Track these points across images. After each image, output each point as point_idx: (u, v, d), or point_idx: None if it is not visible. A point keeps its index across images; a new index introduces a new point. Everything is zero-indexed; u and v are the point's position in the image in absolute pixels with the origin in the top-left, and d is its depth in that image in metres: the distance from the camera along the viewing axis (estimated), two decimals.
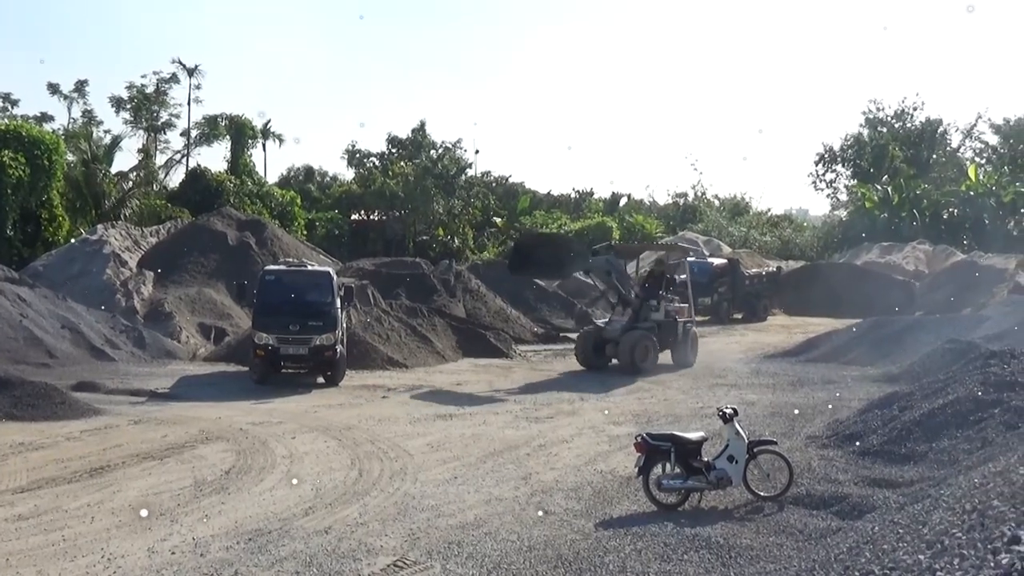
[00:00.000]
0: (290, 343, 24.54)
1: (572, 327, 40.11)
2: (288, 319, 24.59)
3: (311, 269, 27.59)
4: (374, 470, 15.41)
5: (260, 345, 24.72)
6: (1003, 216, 61.32)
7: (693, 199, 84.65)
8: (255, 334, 25.14)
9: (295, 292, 25.37)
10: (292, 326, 24.51)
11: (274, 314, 24.77)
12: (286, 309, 24.73)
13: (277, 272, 26.34)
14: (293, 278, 26.00)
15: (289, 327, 24.52)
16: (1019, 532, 5.88)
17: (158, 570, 10.60)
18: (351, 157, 74.62)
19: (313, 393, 23.62)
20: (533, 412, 21.11)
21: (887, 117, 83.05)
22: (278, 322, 24.63)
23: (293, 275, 26.21)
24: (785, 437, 17.15)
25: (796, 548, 11.30)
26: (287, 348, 24.57)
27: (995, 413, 15.33)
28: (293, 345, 24.53)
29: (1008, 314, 31.78)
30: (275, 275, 25.99)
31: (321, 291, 25.44)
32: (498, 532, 12.02)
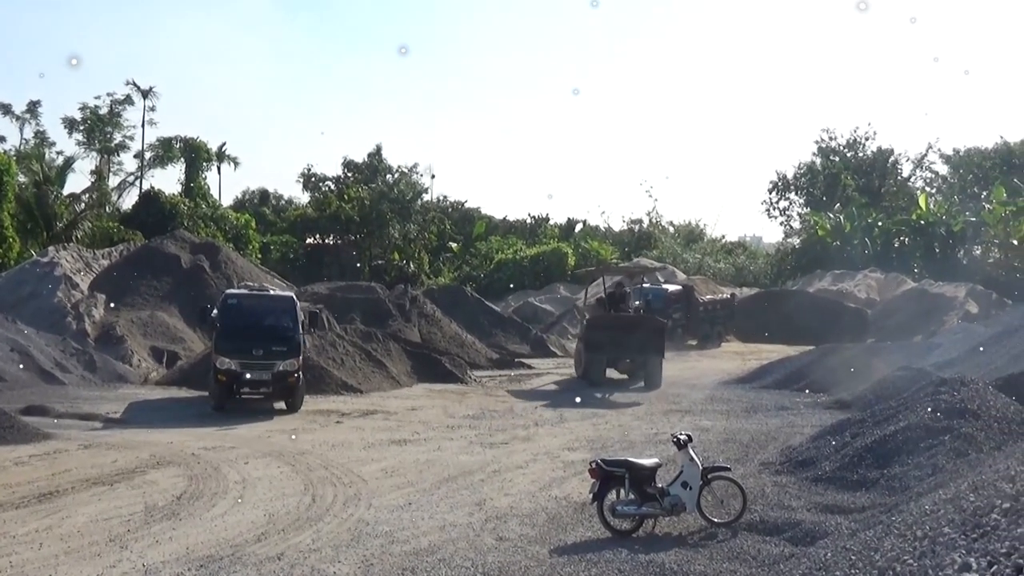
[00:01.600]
0: (253, 368, 23.87)
1: (527, 352, 40.17)
2: (252, 344, 24.04)
3: (274, 294, 27.06)
4: (327, 496, 15.30)
5: (222, 370, 23.94)
6: (953, 245, 62.08)
7: (648, 225, 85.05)
8: (216, 358, 24.23)
9: (258, 317, 24.99)
10: (256, 351, 23.92)
11: (237, 338, 24.18)
12: (249, 334, 24.23)
13: (240, 296, 25.75)
14: (256, 302, 25.57)
15: (252, 352, 23.93)
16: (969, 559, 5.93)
17: None
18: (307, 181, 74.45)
19: (273, 419, 23.25)
20: (488, 438, 21.06)
21: (839, 146, 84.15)
22: (241, 347, 24.02)
23: (256, 299, 25.75)
24: (739, 463, 17.21)
25: (749, 574, 11.33)
26: (250, 373, 23.90)
27: (945, 440, 15.48)
28: (256, 370, 23.87)
29: (958, 341, 32.18)
30: (237, 299, 25.43)
31: (285, 316, 24.94)
32: (452, 558, 11.95)
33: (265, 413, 23.88)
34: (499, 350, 39.10)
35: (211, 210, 62.89)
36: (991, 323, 35.78)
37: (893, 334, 40.72)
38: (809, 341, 38.83)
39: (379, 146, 75.53)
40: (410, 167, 72.77)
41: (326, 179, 74.18)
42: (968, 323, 38.33)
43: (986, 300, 46.16)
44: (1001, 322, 34.47)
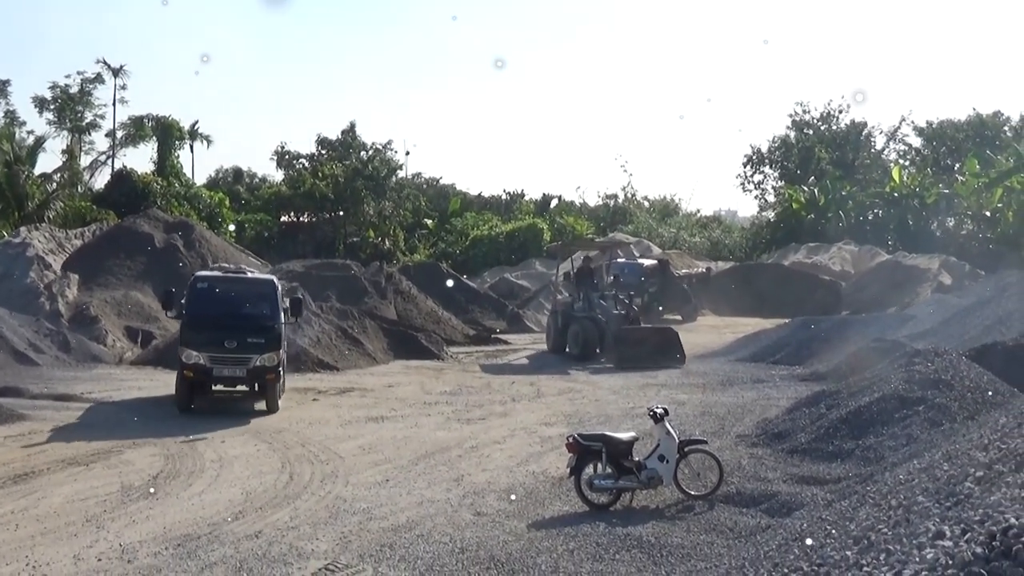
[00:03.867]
0: (225, 363, 20.80)
1: (504, 328, 40.18)
2: (224, 334, 20.83)
3: (252, 276, 23.52)
4: (305, 473, 15.29)
5: (188, 364, 20.76)
6: (926, 217, 62.30)
7: (623, 200, 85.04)
8: (182, 351, 20.97)
9: (233, 303, 21.96)
10: (228, 343, 20.73)
11: (207, 328, 21.00)
12: (222, 323, 21.17)
13: (211, 279, 22.66)
14: (230, 286, 22.42)
15: (224, 344, 20.75)
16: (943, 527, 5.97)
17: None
18: (280, 158, 74.04)
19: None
20: (465, 413, 21.08)
21: (813, 120, 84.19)
22: (211, 338, 20.82)
23: (230, 283, 22.57)
24: (715, 436, 17.29)
25: (726, 546, 11.40)
26: (221, 369, 20.83)
27: (920, 410, 15.62)
28: (228, 365, 20.81)
29: (932, 313, 32.36)
30: (209, 282, 22.35)
31: (264, 302, 21.88)
32: (430, 534, 11.97)
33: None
34: (475, 326, 39.09)
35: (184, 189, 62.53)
36: (964, 294, 35.98)
37: (867, 306, 40.90)
38: (784, 314, 38.94)
39: (353, 123, 75.28)
40: (384, 144, 72.58)
41: (300, 157, 73.81)
42: (941, 294, 38.51)
43: (959, 271, 46.40)
44: (974, 293, 34.68)
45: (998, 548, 4.95)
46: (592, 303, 30.76)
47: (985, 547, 5.03)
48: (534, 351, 33.22)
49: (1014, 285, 31.11)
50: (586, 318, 30.49)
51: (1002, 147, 63.80)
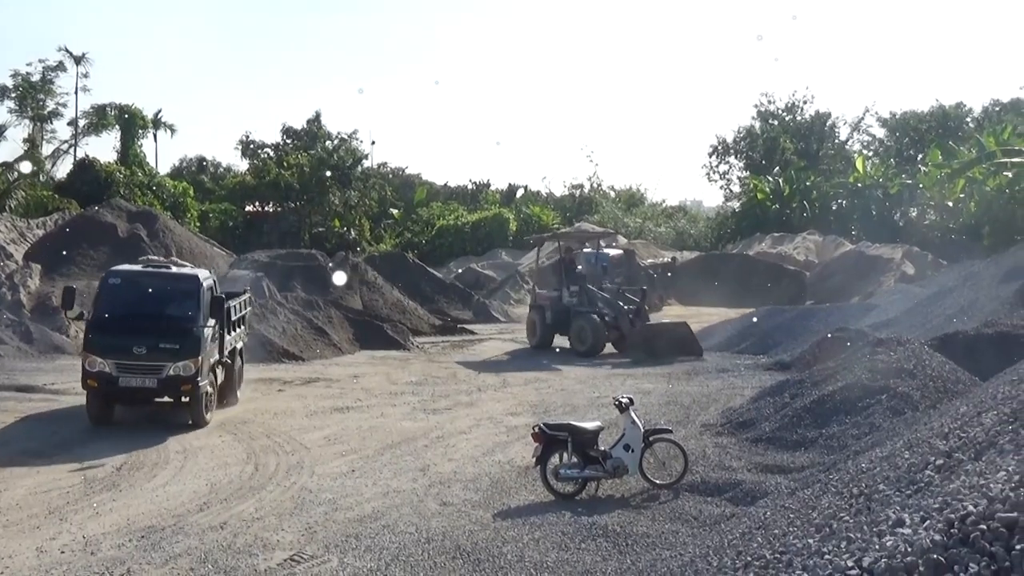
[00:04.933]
0: (133, 372, 17.95)
1: (470, 318, 40.18)
2: (132, 339, 18.03)
3: (173, 272, 20.27)
4: (270, 464, 15.25)
5: (92, 373, 17.99)
6: (890, 207, 62.78)
7: (589, 190, 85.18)
8: (86, 357, 18.29)
9: (147, 303, 18.80)
10: (137, 348, 17.86)
11: (114, 331, 18.23)
12: (131, 325, 18.30)
13: (126, 275, 19.71)
14: (146, 283, 19.26)
15: (133, 350, 17.90)
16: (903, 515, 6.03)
17: (47, 570, 10.34)
18: (245, 148, 73.63)
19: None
20: (431, 404, 21.07)
21: (778, 110, 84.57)
22: (118, 342, 18.04)
23: (146, 279, 19.44)
24: (680, 425, 17.35)
25: (691, 534, 11.46)
26: (128, 379, 17.92)
27: (882, 399, 15.78)
28: (137, 374, 17.90)
29: (894, 302, 32.67)
30: (121, 278, 19.40)
31: (183, 301, 18.78)
32: (396, 524, 11.97)
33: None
34: (441, 316, 39.08)
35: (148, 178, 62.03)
36: (927, 284, 36.34)
37: (831, 296, 41.20)
38: (749, 304, 39.14)
39: (318, 112, 75.10)
40: (350, 133, 72.34)
41: (265, 146, 73.45)
42: (904, 284, 38.89)
43: (922, 261, 46.77)
44: (936, 283, 35.02)
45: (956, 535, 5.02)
46: (592, 297, 30.00)
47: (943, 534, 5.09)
48: (515, 347, 32.39)
49: (976, 275, 31.42)
50: (591, 313, 29.57)
51: (964, 138, 64.36)
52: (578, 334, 29.54)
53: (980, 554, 4.78)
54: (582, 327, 29.43)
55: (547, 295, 31.41)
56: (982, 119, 75.76)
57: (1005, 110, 71.97)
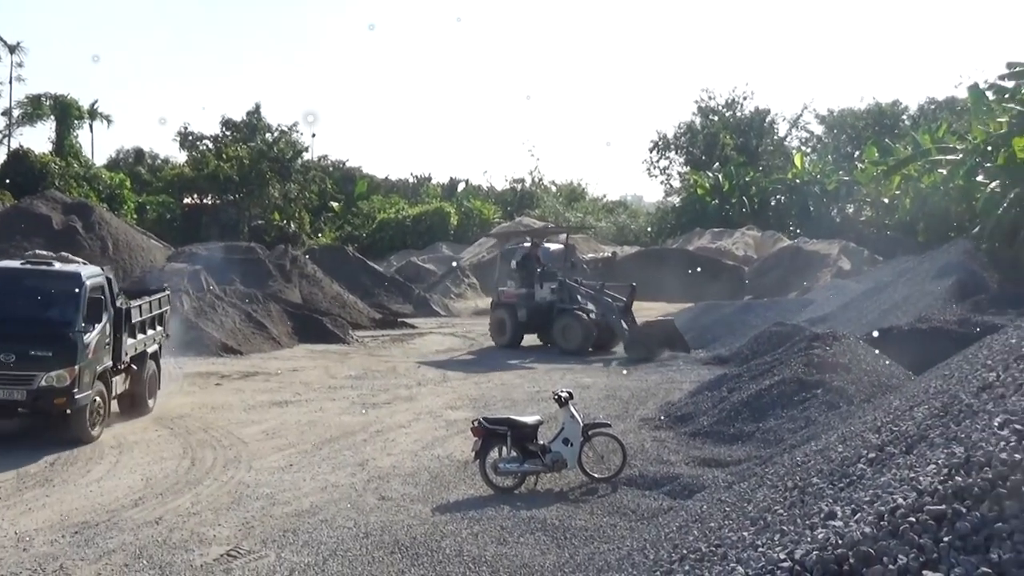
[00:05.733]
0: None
1: (410, 312, 40.09)
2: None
3: (51, 269, 17.24)
4: (207, 459, 15.11)
5: None
6: (827, 203, 63.53)
7: (530, 185, 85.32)
8: None
9: (18, 303, 16.42)
10: (4, 356, 15.51)
11: None
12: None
13: None
14: (20, 282, 16.88)
15: None
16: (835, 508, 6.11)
17: None
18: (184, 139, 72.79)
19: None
20: (370, 398, 21.01)
21: (718, 106, 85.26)
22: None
23: (21, 277, 16.98)
24: (619, 420, 17.46)
25: (629, 528, 11.52)
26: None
27: (818, 393, 16.00)
28: (4, 386, 15.60)
29: (831, 298, 33.09)
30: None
31: (60, 303, 16.40)
32: (334, 519, 11.92)
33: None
34: (381, 310, 38.97)
35: (84, 169, 61.21)
36: (863, 279, 36.83)
37: (769, 290, 41.60)
38: (688, 298, 39.43)
39: (258, 104, 74.66)
40: (290, 126, 71.74)
41: (204, 138, 72.69)
42: (841, 280, 39.40)
43: (858, 257, 47.36)
44: (872, 278, 35.54)
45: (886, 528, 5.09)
46: (573, 294, 29.18)
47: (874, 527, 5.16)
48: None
49: (910, 271, 31.92)
50: (576, 310, 28.95)
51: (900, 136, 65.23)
52: (563, 332, 28.90)
53: (909, 546, 4.85)
54: (568, 325, 28.83)
55: (514, 292, 30.57)
56: (918, 117, 76.95)
57: (940, 108, 73.08)
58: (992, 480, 5.03)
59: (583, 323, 28.54)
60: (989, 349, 11.76)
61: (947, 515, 4.95)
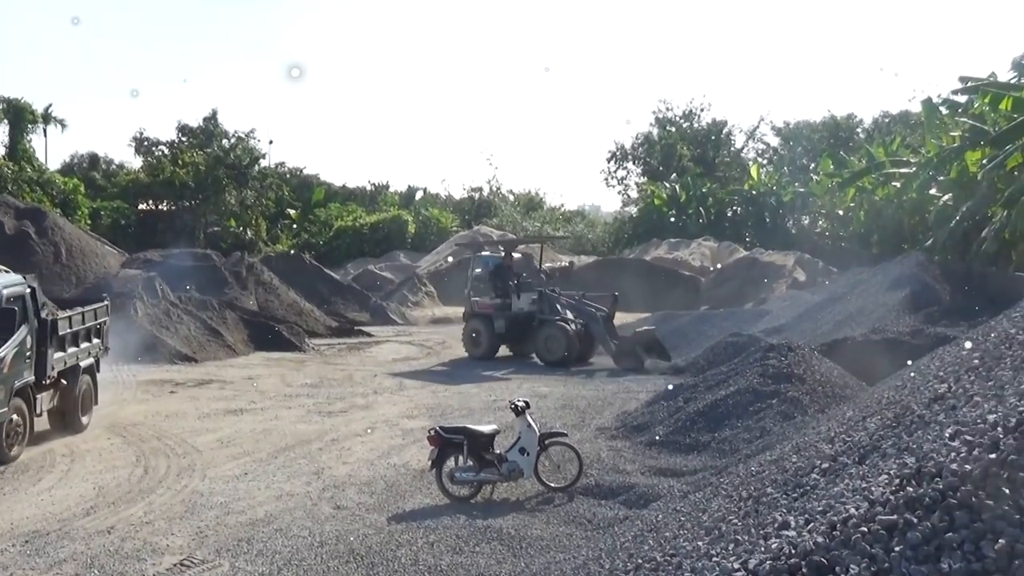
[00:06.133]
0: None
1: (367, 320, 39.95)
2: None
3: None
4: (160, 467, 15.00)
5: None
6: (783, 214, 63.96)
7: (488, 194, 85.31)
8: None
9: None
10: None
11: None
12: None
13: None
14: None
15: None
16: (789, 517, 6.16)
17: None
18: (139, 145, 72.08)
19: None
20: (326, 406, 20.91)
21: (676, 117, 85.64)
22: None
23: None
24: (576, 429, 17.47)
25: (585, 537, 11.54)
26: None
27: (773, 404, 16.12)
28: None
29: (786, 308, 33.32)
30: None
31: None
32: (289, 528, 11.86)
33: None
34: (338, 318, 38.81)
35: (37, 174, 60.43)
36: (817, 291, 37.07)
37: (725, 301, 41.76)
38: (645, 308, 39.51)
39: (215, 110, 74.05)
40: (247, 132, 71.26)
41: (159, 143, 72.04)
42: (796, 291, 39.66)
43: (813, 268, 47.68)
44: (827, 290, 35.79)
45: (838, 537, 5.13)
46: (553, 305, 28.63)
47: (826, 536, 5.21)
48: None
49: (864, 282, 32.18)
50: (559, 321, 28.26)
51: (855, 148, 65.95)
52: (546, 343, 28.12)
53: (861, 555, 4.89)
54: (551, 336, 28.08)
55: (490, 303, 29.80)
56: (872, 130, 77.65)
57: (894, 122, 73.81)
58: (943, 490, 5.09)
59: (566, 334, 27.87)
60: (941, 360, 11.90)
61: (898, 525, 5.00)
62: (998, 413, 5.81)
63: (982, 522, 4.82)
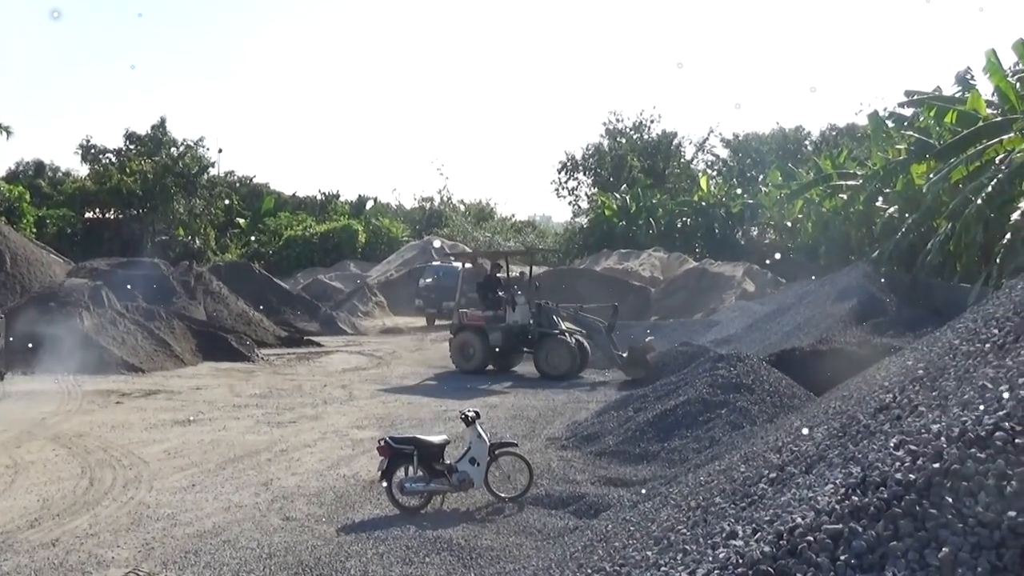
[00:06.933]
0: None
1: (317, 330, 39.79)
2: None
3: None
4: (106, 479, 14.83)
5: None
6: (732, 225, 64.39)
7: (439, 204, 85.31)
8: None
9: None
10: None
11: None
12: None
13: None
14: None
15: None
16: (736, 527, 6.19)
17: None
18: (86, 152, 71.36)
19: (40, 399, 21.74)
20: (275, 417, 20.78)
21: (626, 128, 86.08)
22: None
23: None
24: (526, 439, 17.50)
25: (535, 548, 11.55)
26: None
27: (722, 413, 16.24)
28: None
29: (735, 319, 33.57)
30: None
31: None
32: (237, 540, 11.77)
33: None
34: (287, 328, 38.61)
35: None
36: (766, 301, 37.37)
37: (675, 311, 42.00)
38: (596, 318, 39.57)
39: (163, 118, 73.23)
40: (196, 140, 70.78)
41: (107, 151, 71.37)
42: (745, 301, 39.89)
43: (762, 279, 48.01)
44: (775, 300, 36.10)
45: (785, 547, 5.17)
46: (549, 317, 28.06)
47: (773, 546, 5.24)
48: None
49: (812, 293, 32.50)
50: (560, 334, 27.77)
51: (803, 160, 66.62)
52: (547, 357, 27.53)
53: (807, 565, 4.93)
54: (553, 349, 27.56)
55: (481, 315, 28.97)
56: (820, 143, 78.52)
57: (841, 134, 74.64)
58: (887, 499, 5.14)
59: (568, 348, 27.45)
60: (887, 371, 12.04)
61: (844, 534, 5.05)
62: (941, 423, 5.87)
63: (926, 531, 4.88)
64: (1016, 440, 5.21)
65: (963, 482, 5.05)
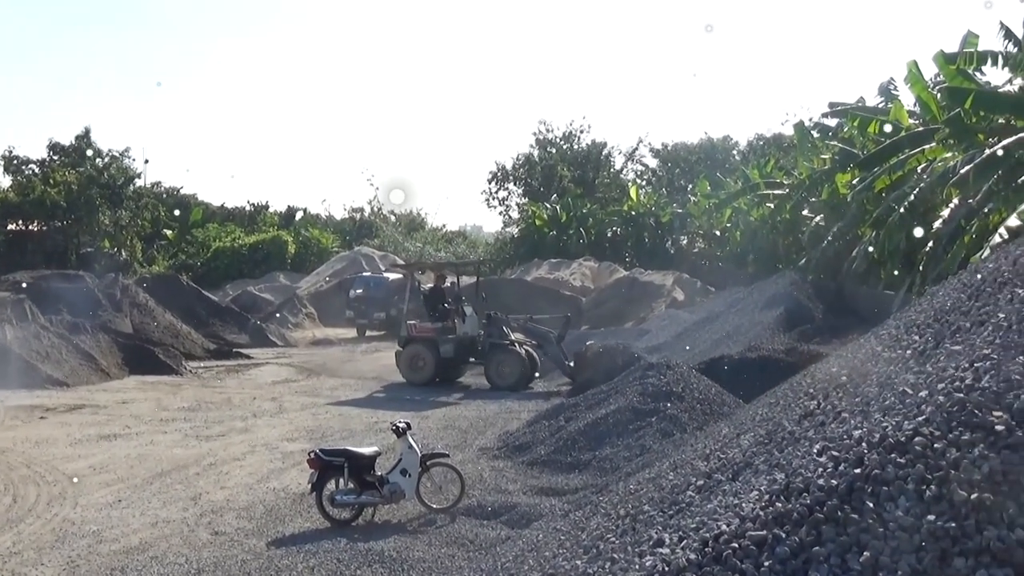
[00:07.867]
0: None
1: (246, 342, 39.43)
2: None
3: None
4: (30, 495, 14.58)
5: None
6: (661, 235, 64.84)
7: (369, 214, 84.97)
8: None
9: None
10: None
11: None
12: None
13: None
14: None
15: None
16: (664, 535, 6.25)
17: None
18: (8, 163, 70.10)
19: None
20: (204, 430, 20.56)
21: (556, 138, 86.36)
22: None
23: None
24: (458, 450, 17.50)
25: (467, 558, 11.55)
26: None
27: (652, 421, 16.36)
28: None
29: (665, 327, 33.82)
30: None
31: None
32: (165, 556, 11.64)
33: None
34: (216, 340, 38.20)
35: None
36: (695, 310, 37.73)
37: (606, 320, 42.19)
38: None
39: (88, 129, 72.32)
40: (121, 151, 69.78)
41: (30, 162, 70.13)
42: (675, 310, 40.21)
43: (691, 288, 48.37)
44: (705, 309, 36.47)
45: (710, 554, 5.23)
46: (501, 328, 27.79)
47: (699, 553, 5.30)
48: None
49: (741, 301, 32.86)
50: (509, 345, 27.60)
51: (731, 170, 67.21)
52: (498, 368, 27.32)
53: (732, 571, 5.00)
54: (504, 360, 27.36)
55: (431, 327, 28.55)
56: (747, 152, 79.35)
57: (768, 144, 75.44)
58: (810, 505, 5.23)
59: (519, 358, 27.33)
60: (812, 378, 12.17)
61: (767, 540, 5.12)
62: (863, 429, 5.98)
63: (848, 536, 4.97)
64: (935, 445, 5.32)
65: (884, 487, 5.16)
